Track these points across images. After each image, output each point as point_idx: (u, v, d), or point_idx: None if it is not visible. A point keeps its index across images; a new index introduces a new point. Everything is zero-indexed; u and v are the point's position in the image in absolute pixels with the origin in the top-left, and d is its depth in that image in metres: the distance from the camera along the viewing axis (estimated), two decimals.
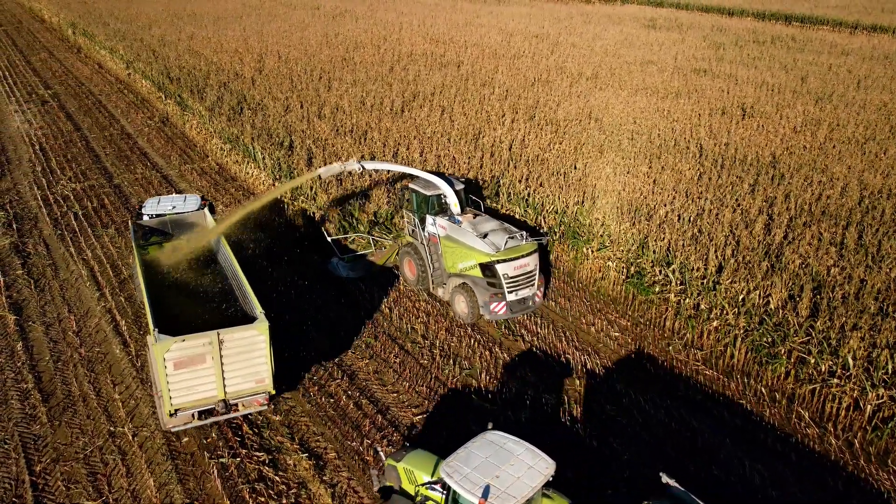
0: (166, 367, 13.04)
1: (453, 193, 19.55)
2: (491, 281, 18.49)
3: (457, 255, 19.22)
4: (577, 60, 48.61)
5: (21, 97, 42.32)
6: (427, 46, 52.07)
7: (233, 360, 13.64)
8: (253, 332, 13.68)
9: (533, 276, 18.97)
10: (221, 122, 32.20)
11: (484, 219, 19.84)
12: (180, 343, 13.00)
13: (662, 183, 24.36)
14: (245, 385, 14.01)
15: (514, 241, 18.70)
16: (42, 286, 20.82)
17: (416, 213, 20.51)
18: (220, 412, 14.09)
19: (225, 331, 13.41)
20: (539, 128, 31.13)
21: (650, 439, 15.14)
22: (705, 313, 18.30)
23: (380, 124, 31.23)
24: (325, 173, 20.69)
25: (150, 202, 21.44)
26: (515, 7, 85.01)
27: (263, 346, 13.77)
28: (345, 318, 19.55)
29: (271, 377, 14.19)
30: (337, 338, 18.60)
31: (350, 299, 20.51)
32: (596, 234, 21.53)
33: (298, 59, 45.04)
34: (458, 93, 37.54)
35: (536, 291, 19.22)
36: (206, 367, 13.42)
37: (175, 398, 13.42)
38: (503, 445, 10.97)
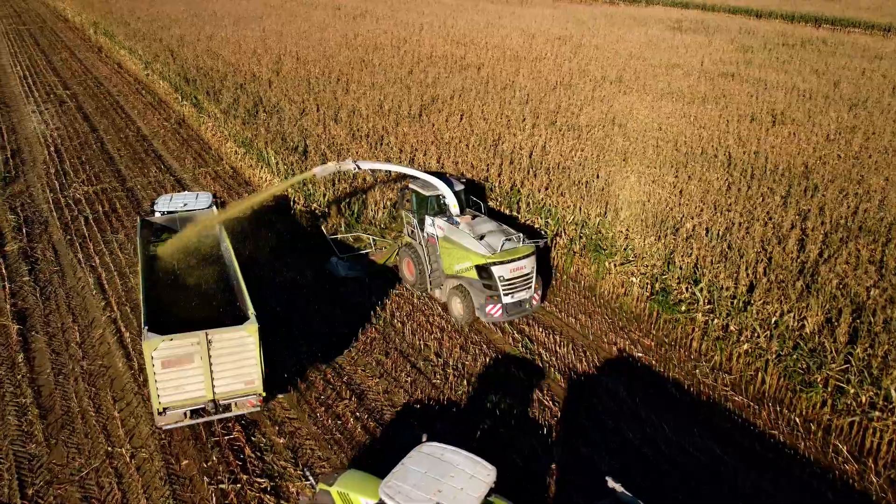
0: (154, 366, 13.01)
1: (452, 194, 19.42)
2: (487, 283, 18.35)
3: (454, 256, 19.07)
4: (601, 63, 47.55)
5: (39, 97, 42.22)
6: (447, 48, 51.29)
7: (222, 361, 13.51)
8: (242, 334, 13.47)
9: (530, 278, 18.74)
10: (236, 124, 31.67)
11: (482, 220, 19.63)
12: (168, 342, 12.93)
13: (689, 194, 23.33)
14: (234, 386, 13.86)
15: (510, 244, 18.52)
16: (48, 294, 20.33)
17: (416, 213, 20.33)
18: (210, 412, 14.01)
19: (214, 331, 13.26)
20: (560, 134, 30.20)
21: (673, 470, 14.20)
22: (735, 335, 17.30)
23: (397, 129, 30.49)
24: (321, 173, 20.40)
25: (163, 199, 21.46)
26: (538, 8, 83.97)
27: (253, 348, 13.59)
28: (354, 332, 18.80)
29: (261, 379, 13.97)
30: (346, 353, 17.87)
31: (361, 312, 19.75)
32: (619, 248, 20.58)
33: (317, 61, 44.48)
34: (477, 96, 36.71)
35: (534, 294, 18.95)
36: (195, 366, 13.33)
37: (163, 397, 13.38)
38: (441, 457, 10.67)
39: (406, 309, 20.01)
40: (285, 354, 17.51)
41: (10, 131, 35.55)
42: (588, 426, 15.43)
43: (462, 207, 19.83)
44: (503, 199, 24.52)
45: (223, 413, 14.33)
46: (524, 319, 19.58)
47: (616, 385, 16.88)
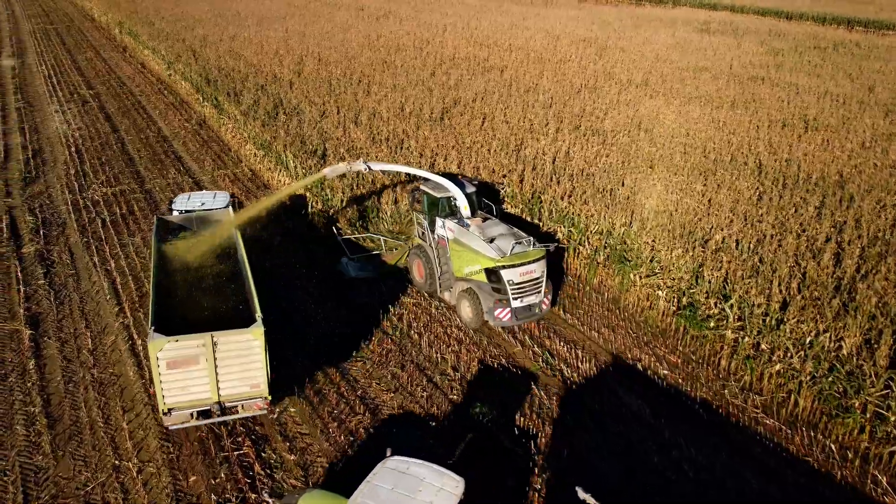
0: (159, 367, 13.03)
1: (463, 196, 19.24)
2: (496, 286, 18.07)
3: (463, 258, 18.86)
4: (626, 66, 46.68)
5: (63, 97, 42.37)
6: (470, 50, 50.72)
7: (227, 364, 13.47)
8: (248, 337, 13.38)
9: (539, 282, 18.41)
10: (256, 126, 31.37)
11: (493, 223, 19.40)
12: (174, 343, 12.92)
13: (718, 203, 22.52)
14: (240, 389, 13.81)
15: (520, 247, 18.22)
16: (62, 298, 20.10)
17: (427, 215, 20.10)
18: (216, 414, 13.94)
19: (219, 333, 13.21)
20: (585, 139, 29.48)
21: (700, 497, 13.49)
22: (766, 355, 16.51)
23: (417, 132, 29.98)
24: (331, 174, 20.17)
25: (181, 198, 21.53)
26: (563, 9, 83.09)
27: (259, 351, 13.50)
28: (369, 341, 18.30)
29: (267, 382, 13.86)
30: (361, 365, 17.38)
31: (376, 321, 19.25)
32: (645, 260, 19.86)
33: (338, 62, 44.17)
34: (500, 99, 36.09)
35: (543, 299, 18.57)
36: (200, 368, 13.29)
37: (168, 397, 13.38)
38: (407, 471, 10.37)
39: (423, 319, 19.48)
40: (296, 359, 17.10)
41: (32, 131, 35.63)
42: (611, 448, 14.76)
43: (473, 209, 19.62)
44: (525, 207, 23.88)
45: (230, 415, 14.23)
46: (545, 332, 18.97)
47: (640, 404, 16.19)
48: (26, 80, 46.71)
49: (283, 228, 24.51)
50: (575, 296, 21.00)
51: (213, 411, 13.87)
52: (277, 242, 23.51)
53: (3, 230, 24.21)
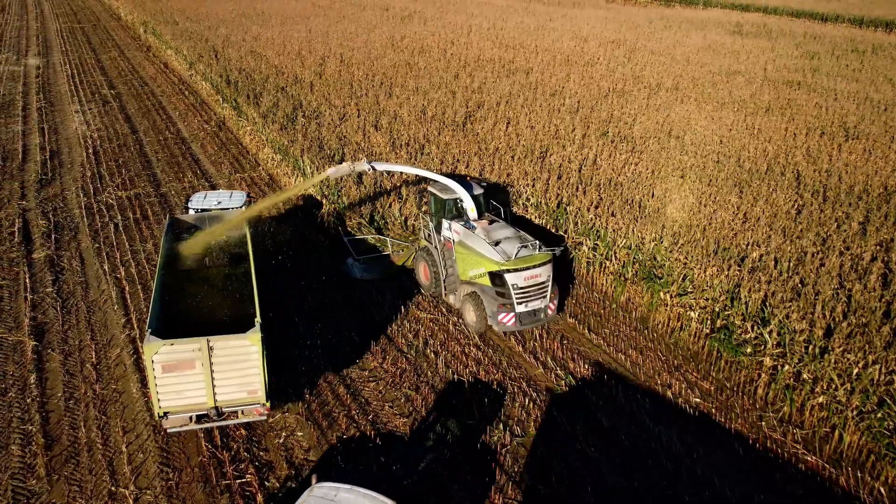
0: (154, 370, 12.90)
1: (470, 198, 18.94)
2: (500, 290, 17.66)
3: (468, 261, 18.52)
4: (656, 69, 45.33)
5: (84, 97, 42.18)
6: (496, 51, 49.71)
7: (223, 369, 13.27)
8: (244, 342, 13.12)
9: (545, 287, 17.92)
10: (274, 130, 30.69)
11: (500, 226, 18.98)
12: (169, 346, 12.78)
13: (755, 217, 21.29)
14: (237, 395, 13.59)
15: (526, 251, 17.83)
16: (69, 307, 19.52)
17: (433, 216, 19.88)
18: (213, 418, 13.81)
19: (215, 338, 13.00)
20: (613, 146, 28.34)
21: None
22: (808, 385, 15.31)
23: (439, 137, 29.08)
24: (334, 174, 19.80)
25: (197, 196, 21.40)
26: (590, 10, 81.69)
27: (256, 357, 13.26)
28: (383, 359, 17.42)
29: (264, 389, 13.58)
30: (374, 385, 16.50)
31: (390, 335, 18.36)
32: (676, 278, 18.72)
33: (361, 63, 43.44)
34: (525, 103, 35.05)
35: (549, 304, 18.12)
36: (196, 372, 13.14)
37: (163, 401, 13.26)
38: (335, 498, 9.85)
39: (440, 337, 18.55)
40: (301, 366, 16.28)
41: (52, 132, 35.37)
42: (638, 485, 13.70)
43: (481, 212, 19.25)
44: (549, 217, 22.84)
45: (229, 420, 14.05)
46: (569, 353, 17.94)
47: (670, 435, 15.09)
48: (50, 80, 46.68)
49: (293, 228, 24.17)
50: (601, 314, 19.92)
51: (210, 416, 13.68)
52: (288, 236, 23.24)
53: (15, 234, 23.77)
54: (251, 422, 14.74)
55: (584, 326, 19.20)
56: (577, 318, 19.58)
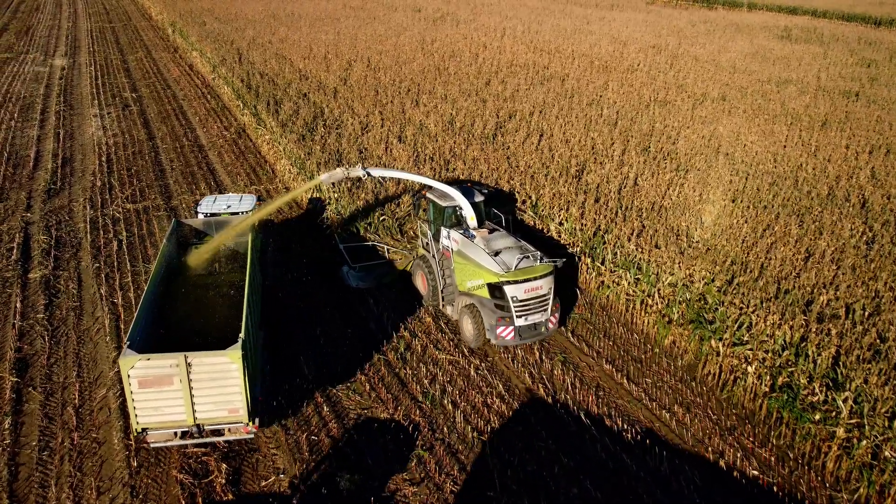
0: (130, 385, 12.44)
1: (470, 206, 18.21)
2: (499, 303, 16.94)
3: (466, 272, 17.78)
4: (701, 77, 42.73)
5: (105, 100, 41.08)
6: (530, 56, 47.52)
7: (202, 386, 12.71)
8: (223, 360, 12.51)
9: (546, 300, 17.19)
10: (291, 140, 28.97)
11: (500, 235, 18.24)
12: (145, 361, 12.34)
13: (819, 252, 18.86)
14: (217, 413, 13.01)
15: (526, 262, 17.07)
16: (58, 337, 17.97)
17: (432, 224, 19.25)
18: (194, 436, 13.25)
19: (193, 354, 12.47)
20: (655, 163, 26.04)
21: None
22: (891, 464, 12.96)
23: (466, 151, 27.07)
24: (328, 179, 18.94)
25: (206, 200, 20.86)
26: (630, 13, 78.88)
27: (237, 375, 12.65)
28: (395, 409, 15.48)
29: (246, 408, 12.96)
30: (382, 440, 14.58)
31: (403, 385, 16.42)
32: (730, 324, 16.43)
33: (388, 68, 41.64)
34: (560, 113, 32.87)
35: (550, 317, 17.39)
36: (174, 389, 12.61)
37: (141, 417, 12.77)
38: None
39: (460, 383, 16.54)
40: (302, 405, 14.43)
41: (67, 137, 34.22)
42: None
43: (481, 220, 18.59)
44: (585, 246, 20.68)
45: (213, 437, 13.49)
46: (605, 407, 15.80)
47: None
48: (73, 81, 45.80)
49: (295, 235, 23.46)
50: (642, 359, 17.73)
51: (192, 433, 13.15)
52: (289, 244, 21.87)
53: (13, 250, 22.41)
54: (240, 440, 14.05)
55: (623, 374, 17.03)
56: (615, 364, 17.42)
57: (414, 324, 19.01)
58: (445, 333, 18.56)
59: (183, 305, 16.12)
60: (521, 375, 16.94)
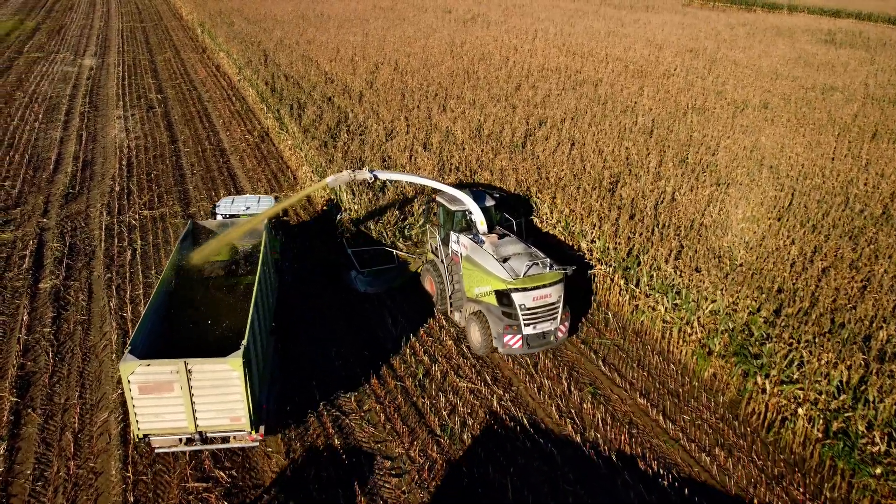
0: (131, 391, 12.26)
1: (479, 210, 17.86)
2: (507, 311, 16.52)
3: (474, 278, 17.34)
4: (741, 83, 40.96)
5: (130, 101, 40.71)
6: (562, 59, 46.13)
7: (203, 393, 12.49)
8: (224, 367, 12.24)
9: (555, 308, 16.72)
10: (313, 146, 28.06)
11: (510, 241, 17.77)
12: (145, 367, 12.15)
13: (878, 280, 17.31)
14: (218, 421, 12.81)
15: (536, 269, 16.58)
16: (63, 353, 17.23)
17: (442, 228, 18.99)
18: (197, 442, 13.06)
19: (193, 361, 12.22)
20: (694, 176, 24.58)
21: None
22: None
23: (494, 161, 25.88)
24: (333, 182, 18.53)
25: (224, 202, 20.73)
26: (666, 14, 76.92)
27: (237, 383, 12.40)
28: (411, 444, 14.39)
29: (248, 416, 12.70)
30: (399, 481, 13.50)
31: (420, 416, 15.31)
32: (778, 360, 15.02)
33: (416, 71, 40.61)
34: (593, 121, 31.50)
35: (559, 326, 16.90)
36: (175, 395, 12.42)
37: (142, 423, 12.61)
38: None
39: (481, 415, 15.40)
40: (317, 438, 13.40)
41: (90, 139, 33.79)
42: None
43: (492, 225, 18.21)
44: (618, 266, 19.37)
45: (219, 444, 13.27)
46: (639, 446, 14.54)
47: None
48: (100, 82, 45.59)
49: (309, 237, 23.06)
50: (679, 393, 16.39)
51: (194, 440, 13.00)
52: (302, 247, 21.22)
53: (26, 258, 21.81)
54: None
55: (658, 410, 15.73)
56: (650, 397, 16.13)
57: (434, 347, 17.92)
58: (467, 359, 17.44)
59: (196, 308, 15.71)
60: (548, 408, 15.75)
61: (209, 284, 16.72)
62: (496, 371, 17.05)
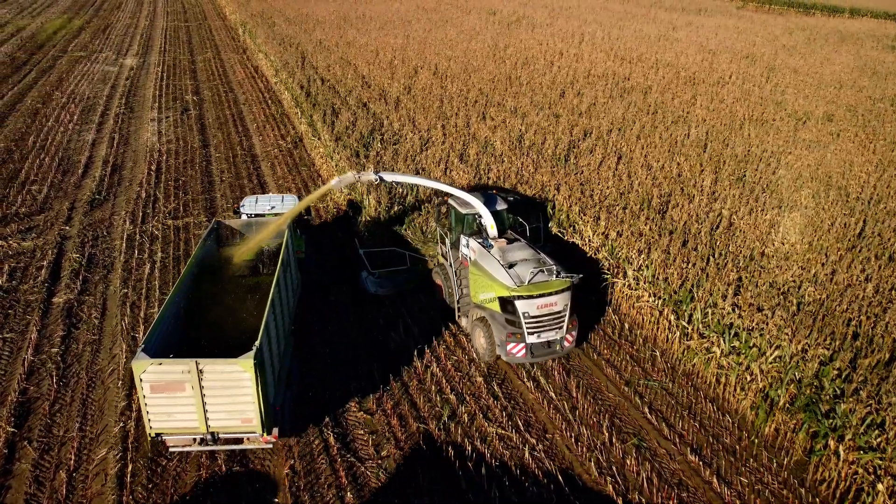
0: (143, 389, 12.24)
1: (489, 214, 17.44)
2: (510, 318, 16.09)
3: (479, 283, 16.92)
4: (802, 92, 38.45)
5: (165, 103, 40.18)
6: (609, 65, 44.12)
7: (215, 394, 12.41)
8: (235, 368, 12.11)
9: (561, 317, 16.21)
10: (344, 156, 26.80)
11: (519, 246, 17.30)
12: (157, 366, 12.14)
13: None
14: (230, 422, 12.72)
15: (541, 276, 16.10)
16: (68, 378, 16.24)
17: (453, 231, 18.70)
18: (209, 443, 13.04)
19: (205, 361, 12.15)
20: (752, 196, 22.56)
21: None
22: None
23: (534, 176, 24.23)
24: (337, 185, 18.61)
25: (248, 200, 20.60)
26: (720, 18, 73.93)
27: (249, 384, 12.26)
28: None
29: (259, 418, 12.57)
30: None
31: (445, 470, 13.82)
32: (855, 421, 13.08)
33: (456, 76, 39.15)
34: (642, 132, 29.58)
35: (566, 335, 16.41)
36: (186, 395, 12.37)
37: (154, 422, 12.59)
38: None
39: (512, 469, 13.82)
40: None
41: (121, 142, 33.21)
42: None
43: (503, 229, 17.90)
44: (669, 301, 17.55)
45: (232, 445, 13.36)
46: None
47: None
48: (138, 82, 45.28)
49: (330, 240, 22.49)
50: (736, 450, 14.55)
51: (207, 440, 12.95)
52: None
53: (43, 269, 21.02)
54: None
55: (712, 471, 13.93)
56: (702, 454, 14.34)
57: (463, 383, 16.40)
58: (498, 399, 15.88)
59: (216, 308, 15.64)
60: (586, 462, 14.09)
61: (231, 284, 16.79)
62: (529, 415, 15.46)
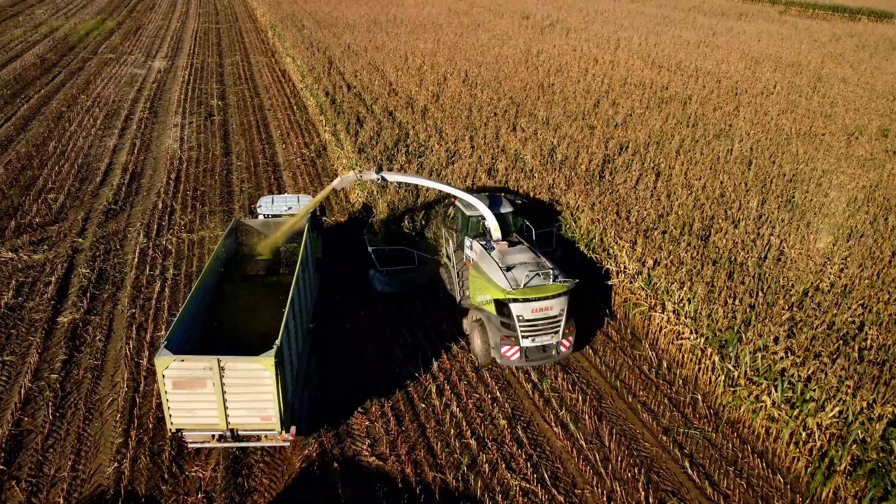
0: (165, 385, 12.37)
1: (493, 217, 17.56)
2: (505, 321, 16.03)
3: (477, 285, 16.97)
4: (853, 105, 36.30)
5: (190, 107, 39.51)
6: (646, 73, 42.41)
7: (235, 391, 12.51)
8: (256, 366, 12.23)
9: (557, 322, 16.07)
10: (366, 169, 25.62)
11: (520, 249, 17.30)
12: (179, 363, 12.25)
13: None
14: (249, 419, 12.84)
15: (538, 280, 16.03)
16: (65, 408, 15.30)
17: (458, 233, 18.66)
18: (228, 440, 13.07)
19: (226, 358, 12.24)
20: (803, 222, 20.85)
21: None
22: None
23: (567, 194, 22.80)
24: (339, 185, 19.01)
25: (265, 201, 20.78)
26: (761, 23, 71.47)
27: (269, 383, 12.36)
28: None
29: (279, 416, 12.66)
30: None
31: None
32: None
33: (487, 84, 37.83)
34: (681, 147, 27.94)
35: (562, 340, 16.26)
36: (207, 392, 12.47)
37: (175, 418, 12.74)
38: None
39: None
40: None
41: (143, 149, 32.53)
42: None
43: (508, 231, 17.99)
44: (714, 344, 15.99)
45: (250, 443, 13.37)
46: None
47: None
48: (165, 86, 44.77)
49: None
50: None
51: (226, 437, 13.00)
52: None
53: (50, 285, 20.21)
54: None
55: None
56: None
57: (484, 426, 15.07)
58: (523, 446, 14.52)
59: (238, 306, 15.82)
60: None
61: (250, 283, 17.04)
62: (556, 465, 14.09)
